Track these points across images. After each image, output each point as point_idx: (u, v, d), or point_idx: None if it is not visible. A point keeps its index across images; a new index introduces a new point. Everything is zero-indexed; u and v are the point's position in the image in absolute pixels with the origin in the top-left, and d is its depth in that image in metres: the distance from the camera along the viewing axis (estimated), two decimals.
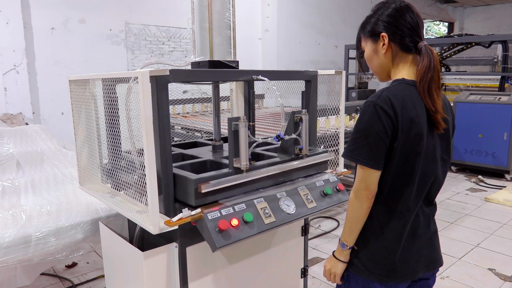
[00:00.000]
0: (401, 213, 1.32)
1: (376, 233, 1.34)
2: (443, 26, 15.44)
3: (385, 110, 1.22)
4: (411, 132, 1.25)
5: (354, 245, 1.38)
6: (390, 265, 1.33)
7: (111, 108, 1.67)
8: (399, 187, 1.30)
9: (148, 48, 7.12)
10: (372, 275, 1.35)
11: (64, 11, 6.07)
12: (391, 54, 1.34)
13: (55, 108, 6.02)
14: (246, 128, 1.56)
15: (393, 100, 1.24)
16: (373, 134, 1.23)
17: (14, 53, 5.52)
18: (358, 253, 1.37)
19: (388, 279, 1.34)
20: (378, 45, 1.35)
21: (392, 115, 1.23)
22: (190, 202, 1.52)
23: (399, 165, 1.27)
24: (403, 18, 1.30)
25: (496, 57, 7.44)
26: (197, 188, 1.48)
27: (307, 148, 1.83)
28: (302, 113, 1.78)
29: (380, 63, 1.38)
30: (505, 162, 5.48)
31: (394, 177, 1.29)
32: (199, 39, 1.91)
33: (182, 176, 1.53)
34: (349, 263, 1.40)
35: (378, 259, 1.34)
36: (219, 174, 1.57)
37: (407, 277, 1.36)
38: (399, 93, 1.27)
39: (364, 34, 1.40)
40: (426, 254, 1.39)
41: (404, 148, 1.25)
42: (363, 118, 1.26)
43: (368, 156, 1.25)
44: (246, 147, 1.58)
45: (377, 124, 1.23)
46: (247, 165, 1.59)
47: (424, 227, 1.38)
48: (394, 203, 1.31)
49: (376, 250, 1.34)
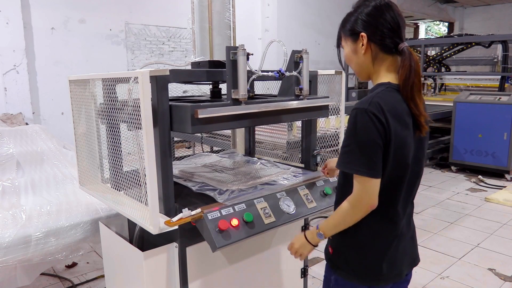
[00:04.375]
0: (392, 218, 1.31)
1: (367, 239, 1.32)
2: (443, 26, 15.44)
3: (378, 116, 1.19)
4: (402, 137, 1.23)
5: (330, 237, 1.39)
6: (379, 268, 1.32)
7: (111, 108, 1.67)
8: (391, 193, 1.28)
9: (148, 48, 7.12)
10: (362, 280, 1.34)
11: (64, 11, 6.07)
12: (370, 54, 1.29)
13: (55, 108, 6.02)
14: (245, 57, 1.52)
15: (383, 106, 1.20)
16: (370, 142, 1.19)
17: (14, 53, 5.52)
18: (347, 258, 1.35)
19: (378, 282, 1.34)
20: (358, 45, 1.30)
21: (384, 122, 1.19)
22: (187, 130, 1.46)
23: (391, 171, 1.25)
24: (383, 18, 1.25)
25: (496, 57, 7.44)
26: (194, 114, 1.42)
27: (307, 89, 1.80)
28: (302, 51, 1.76)
29: (360, 63, 1.33)
30: (505, 162, 5.48)
31: (387, 183, 1.26)
32: (199, 39, 1.91)
33: (178, 106, 1.49)
34: (338, 268, 1.38)
35: (368, 264, 1.33)
36: (217, 104, 1.54)
37: (395, 278, 1.36)
38: (388, 98, 1.24)
39: (344, 33, 1.35)
40: (409, 253, 1.39)
41: (396, 154, 1.23)
42: (356, 126, 1.20)
43: (368, 166, 1.20)
44: (245, 77, 1.53)
45: (373, 131, 1.19)
46: (245, 95, 1.54)
47: (406, 227, 1.38)
48: (386, 209, 1.29)
49: (366, 255, 1.33)
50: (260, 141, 3.13)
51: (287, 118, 1.80)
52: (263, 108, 1.64)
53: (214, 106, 1.49)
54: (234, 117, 1.57)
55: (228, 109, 1.53)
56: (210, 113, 1.46)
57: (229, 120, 1.56)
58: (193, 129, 1.45)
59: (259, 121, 1.69)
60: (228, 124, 1.58)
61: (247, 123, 1.65)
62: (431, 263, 3.21)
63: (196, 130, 1.46)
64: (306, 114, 1.85)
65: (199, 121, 1.45)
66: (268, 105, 1.66)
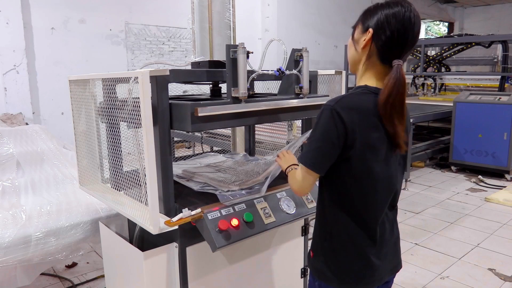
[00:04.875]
0: (367, 222, 1.30)
1: (345, 243, 1.32)
2: (443, 26, 15.44)
3: (341, 116, 1.18)
4: (370, 141, 1.22)
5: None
6: (360, 272, 1.32)
7: (111, 108, 1.67)
8: (363, 197, 1.28)
9: (148, 48, 7.12)
10: (342, 284, 1.34)
11: (64, 11, 6.07)
12: (367, 53, 1.26)
13: (55, 108, 6.02)
14: (245, 55, 1.52)
15: (351, 107, 1.20)
16: (325, 139, 1.20)
17: (14, 53, 5.52)
18: (327, 262, 1.35)
19: (358, 286, 1.34)
20: (361, 37, 1.26)
21: (348, 123, 1.18)
22: (187, 128, 1.46)
23: (359, 174, 1.25)
24: (398, 27, 1.19)
25: (496, 57, 7.44)
26: (194, 112, 1.42)
27: (307, 87, 1.80)
28: (302, 50, 1.76)
29: (354, 55, 1.31)
30: (505, 162, 5.48)
31: (357, 186, 1.26)
32: (199, 39, 1.91)
33: (178, 104, 1.49)
34: (319, 272, 1.38)
35: (348, 267, 1.33)
36: (217, 102, 1.54)
37: (375, 283, 1.36)
38: (359, 101, 1.22)
39: (360, 19, 1.31)
40: (390, 259, 1.39)
41: (363, 157, 1.22)
42: (319, 121, 1.22)
43: (313, 160, 1.24)
44: (245, 75, 1.53)
45: (331, 129, 1.19)
46: (245, 93, 1.55)
47: (389, 233, 1.37)
48: (360, 213, 1.29)
49: (346, 259, 1.33)
50: (260, 141, 3.13)
51: (287, 116, 1.79)
52: (263, 107, 1.63)
53: (214, 105, 1.49)
54: (234, 116, 1.57)
55: (228, 107, 1.53)
56: (210, 111, 1.46)
57: (229, 118, 1.56)
58: (193, 127, 1.45)
59: (259, 120, 1.69)
60: (228, 123, 1.58)
61: (247, 121, 1.65)
62: (431, 263, 3.20)
63: (196, 128, 1.46)
64: (306, 113, 1.85)
65: (199, 119, 1.45)
66: (268, 103, 1.65)
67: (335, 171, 1.26)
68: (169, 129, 1.51)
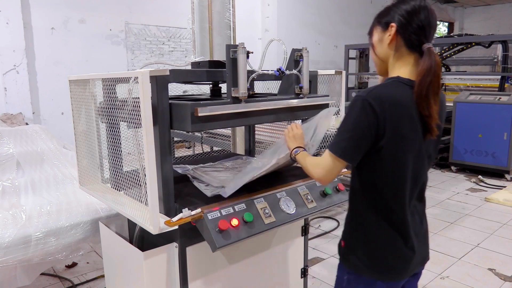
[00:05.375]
0: (398, 213, 1.32)
1: (377, 234, 1.34)
2: (443, 26, 15.42)
3: (373, 107, 1.20)
4: (402, 132, 1.24)
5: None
6: (392, 263, 1.34)
7: (111, 108, 1.67)
8: (393, 187, 1.30)
9: (148, 48, 7.12)
10: (374, 274, 1.35)
11: (64, 11, 6.07)
12: (394, 46, 1.31)
13: (55, 108, 6.03)
14: (245, 55, 1.52)
15: (383, 98, 1.22)
16: (358, 129, 1.23)
17: (14, 53, 5.52)
18: (358, 252, 1.37)
19: (390, 277, 1.35)
20: (385, 35, 1.32)
21: (379, 113, 1.20)
22: (187, 128, 1.46)
23: (389, 165, 1.27)
24: (417, 15, 1.27)
25: (496, 57, 7.43)
26: (194, 112, 1.42)
27: (307, 87, 1.80)
28: (302, 50, 1.76)
29: (381, 53, 1.36)
30: (505, 162, 5.47)
31: (387, 176, 1.29)
32: (199, 39, 1.91)
33: (178, 104, 1.49)
34: (349, 262, 1.40)
35: (380, 258, 1.35)
36: (217, 102, 1.54)
37: (406, 274, 1.38)
38: (391, 91, 1.25)
39: (377, 21, 1.37)
40: (420, 251, 1.40)
41: (393, 148, 1.25)
42: (350, 112, 1.25)
43: (347, 149, 1.25)
44: (245, 75, 1.53)
45: (362, 120, 1.21)
46: (245, 93, 1.55)
47: (419, 225, 1.41)
48: (390, 203, 1.31)
49: (378, 250, 1.35)
50: (260, 141, 3.13)
51: (287, 116, 1.79)
52: (263, 107, 1.64)
53: (214, 105, 1.49)
54: (234, 116, 1.57)
55: (228, 107, 1.53)
56: (210, 111, 1.46)
57: (229, 118, 1.56)
58: (193, 127, 1.45)
59: (259, 120, 1.69)
60: (228, 123, 1.57)
61: (247, 121, 1.65)
62: (431, 263, 3.20)
63: (196, 128, 1.46)
64: (306, 113, 1.85)
65: (199, 119, 1.45)
66: (268, 103, 1.66)
67: (367, 161, 1.28)
68: (169, 129, 1.51)
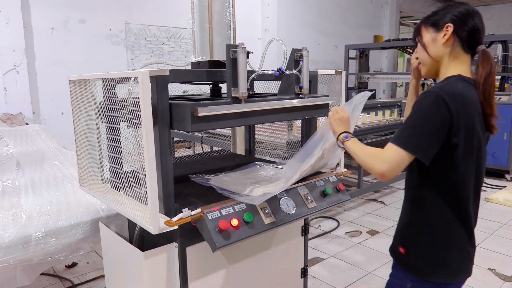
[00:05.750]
0: (465, 211, 1.32)
1: (445, 235, 1.33)
2: None
3: (447, 103, 1.19)
4: (472, 129, 1.25)
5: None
6: (459, 264, 1.35)
7: (111, 108, 1.67)
8: (464, 184, 1.30)
9: (148, 48, 7.12)
10: (441, 277, 1.34)
11: (64, 11, 6.07)
12: (450, 46, 1.32)
13: (55, 108, 6.02)
14: (245, 55, 1.52)
15: (456, 95, 1.22)
16: (430, 124, 1.19)
17: (14, 53, 5.52)
18: (424, 256, 1.35)
19: (459, 277, 1.37)
20: (439, 35, 1.33)
21: (453, 109, 1.19)
22: (187, 128, 1.46)
23: (463, 161, 1.26)
24: (472, 19, 1.30)
25: (496, 57, 7.43)
26: (193, 112, 1.42)
27: (307, 87, 1.80)
28: (302, 50, 1.76)
29: (436, 53, 1.35)
30: (505, 162, 5.47)
31: (459, 175, 1.27)
32: (199, 39, 1.91)
33: (178, 104, 1.49)
34: (414, 268, 1.37)
35: (448, 260, 1.34)
36: (217, 102, 1.54)
37: (470, 273, 1.39)
38: (461, 88, 1.25)
39: (426, 24, 1.38)
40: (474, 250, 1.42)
41: (467, 145, 1.24)
42: (422, 106, 1.22)
43: (419, 145, 1.20)
44: (245, 75, 1.53)
45: (435, 115, 1.19)
46: (245, 93, 1.55)
47: (475, 222, 1.41)
48: (459, 202, 1.31)
49: (444, 251, 1.33)
50: (260, 141, 3.13)
51: (287, 116, 1.79)
52: (263, 107, 1.64)
53: (214, 104, 1.49)
54: (234, 116, 1.57)
55: (228, 107, 1.53)
56: (210, 111, 1.46)
57: (229, 118, 1.56)
58: (193, 127, 1.45)
59: (259, 120, 1.69)
60: (228, 123, 1.57)
61: (247, 121, 1.65)
62: None
63: (196, 128, 1.46)
64: (306, 113, 1.85)
65: (199, 119, 1.45)
66: (268, 103, 1.66)
67: (440, 158, 1.25)
68: (169, 129, 1.51)
